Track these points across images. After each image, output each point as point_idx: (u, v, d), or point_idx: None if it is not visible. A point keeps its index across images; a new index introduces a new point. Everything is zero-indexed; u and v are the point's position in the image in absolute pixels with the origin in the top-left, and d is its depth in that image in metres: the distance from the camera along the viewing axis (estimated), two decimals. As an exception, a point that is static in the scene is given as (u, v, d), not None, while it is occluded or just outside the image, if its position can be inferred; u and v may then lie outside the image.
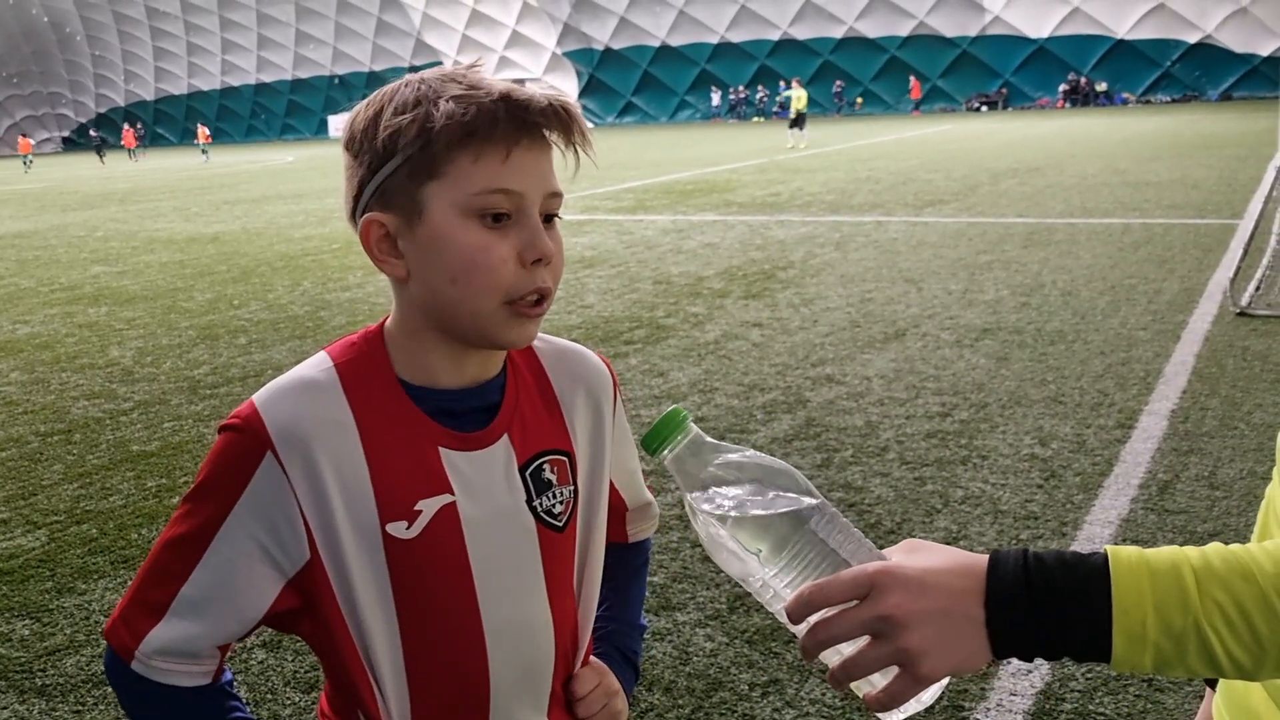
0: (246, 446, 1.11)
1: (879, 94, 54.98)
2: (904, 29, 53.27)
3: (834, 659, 0.90)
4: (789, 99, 31.79)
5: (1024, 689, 3.02)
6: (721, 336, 7.34)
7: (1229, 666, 0.84)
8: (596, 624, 1.40)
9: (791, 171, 21.02)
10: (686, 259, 10.76)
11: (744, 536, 0.94)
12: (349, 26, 65.76)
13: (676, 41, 58.47)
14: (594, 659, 1.37)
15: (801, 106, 30.16)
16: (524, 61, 61.66)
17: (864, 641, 0.88)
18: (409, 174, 1.09)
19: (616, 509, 1.39)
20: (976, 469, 4.66)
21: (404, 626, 1.16)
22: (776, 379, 6.22)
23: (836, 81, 54.57)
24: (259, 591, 1.13)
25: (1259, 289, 7.45)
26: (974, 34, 52.06)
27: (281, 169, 33.38)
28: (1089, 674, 3.07)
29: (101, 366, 7.39)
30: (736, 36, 57.13)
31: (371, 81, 65.85)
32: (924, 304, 8.02)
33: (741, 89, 57.65)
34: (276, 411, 1.12)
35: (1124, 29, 48.78)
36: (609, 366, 1.34)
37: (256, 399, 1.13)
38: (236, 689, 1.23)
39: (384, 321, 1.20)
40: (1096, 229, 11.22)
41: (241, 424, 1.12)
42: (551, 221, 1.15)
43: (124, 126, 53.53)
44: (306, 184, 25.16)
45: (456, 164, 1.08)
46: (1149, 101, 48.74)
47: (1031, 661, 0.88)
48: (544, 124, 1.10)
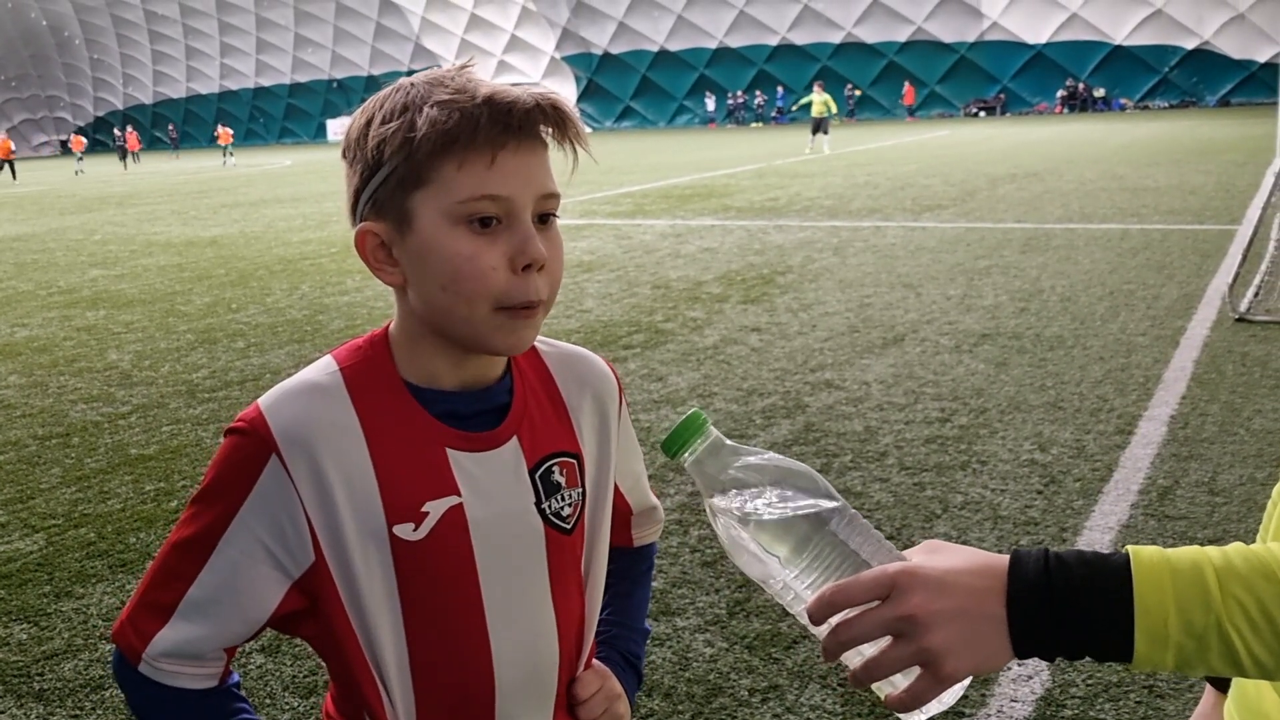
0: (252, 450, 1.11)
1: (877, 99, 55.03)
2: (902, 34, 53.34)
3: (855, 660, 0.91)
4: (809, 103, 30.50)
5: (1024, 695, 3.02)
6: (720, 341, 7.33)
7: (1251, 666, 0.84)
8: (600, 627, 1.40)
9: (789, 176, 21.04)
10: (685, 263, 10.76)
11: (765, 539, 0.94)
12: (348, 31, 65.79)
13: (675, 46, 58.53)
14: (596, 662, 1.36)
15: (820, 112, 29.05)
16: (523, 66, 61.69)
17: (886, 642, 0.88)
18: (397, 183, 1.09)
19: (622, 513, 1.39)
20: (976, 474, 4.66)
21: (409, 628, 1.16)
22: (775, 384, 6.22)
23: (848, 85, 54.44)
24: (264, 594, 1.13)
25: (1258, 294, 7.45)
26: (972, 39, 52.14)
27: (280, 173, 33.39)
28: (1089, 680, 3.06)
29: (100, 370, 7.38)
30: (735, 42, 57.19)
31: (370, 86, 65.90)
32: (923, 309, 8.02)
33: (740, 94, 57.69)
34: (281, 415, 1.12)
35: (1122, 35, 48.87)
36: (614, 371, 1.34)
37: (262, 402, 1.14)
38: (243, 691, 1.23)
39: (389, 325, 1.20)
40: (1095, 234, 11.23)
41: (247, 427, 1.12)
42: (548, 222, 1.13)
43: (127, 129, 53.36)
44: (305, 188, 25.16)
45: (441, 171, 1.07)
46: (1147, 107, 48.81)
47: (1053, 661, 0.89)
48: (531, 124, 1.09)
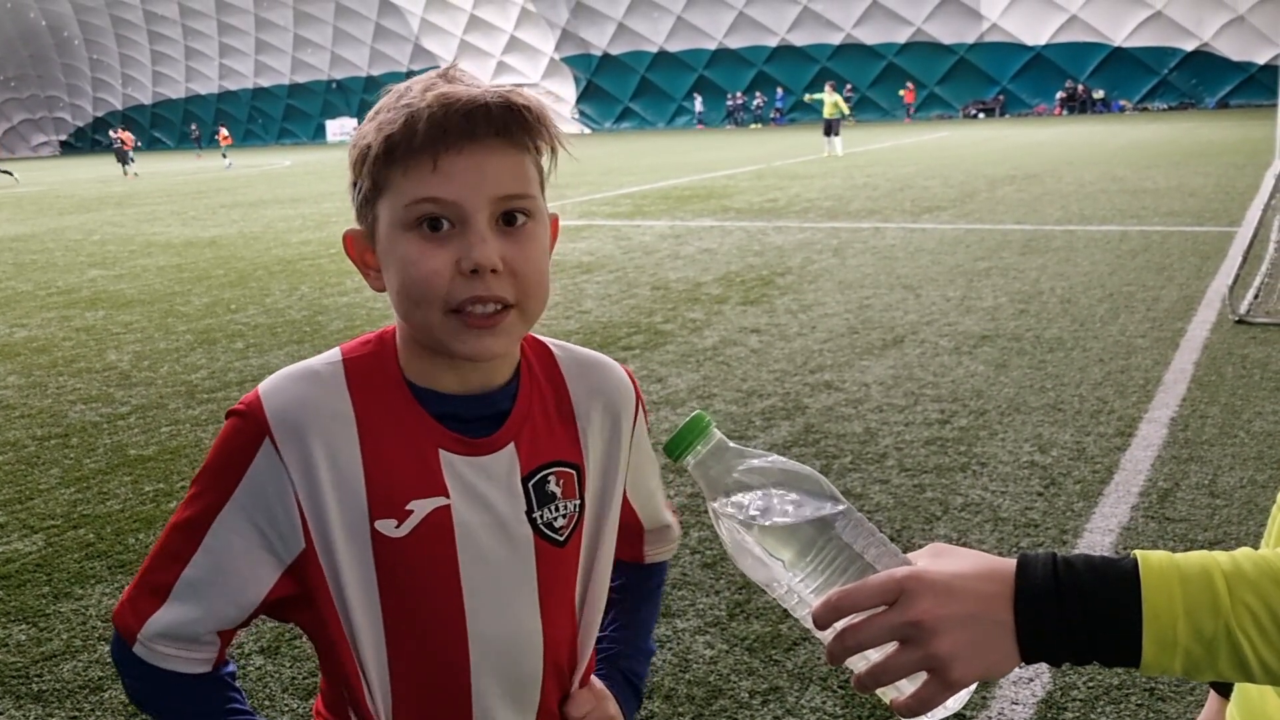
0: (247, 432, 1.11)
1: (876, 100, 55.03)
2: (902, 36, 53.33)
3: (861, 664, 0.90)
4: (820, 103, 29.29)
5: (1025, 698, 3.01)
6: (720, 342, 7.33)
7: (1259, 671, 0.84)
8: (603, 644, 1.37)
9: (789, 178, 21.03)
10: (684, 264, 10.75)
11: (769, 542, 0.93)
12: (347, 31, 65.77)
13: (674, 47, 58.52)
14: (595, 679, 1.34)
15: (831, 113, 27.92)
16: (522, 67, 61.69)
17: (892, 647, 0.87)
18: (367, 192, 1.11)
19: (633, 529, 1.36)
20: (976, 476, 4.65)
21: (388, 625, 1.15)
22: (775, 385, 6.21)
23: (846, 86, 54.53)
24: (257, 577, 1.13)
25: (1258, 296, 7.45)
26: (971, 41, 52.14)
27: (279, 173, 33.37)
28: (1090, 683, 3.06)
29: (99, 370, 7.38)
30: (734, 43, 57.18)
31: (369, 87, 65.92)
32: (922, 311, 8.01)
33: (739, 95, 57.70)
34: (277, 398, 1.12)
35: (1121, 37, 48.87)
36: (634, 381, 1.31)
37: (261, 386, 1.14)
38: (238, 681, 1.22)
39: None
40: (1095, 236, 11.23)
41: (244, 410, 1.12)
42: (517, 224, 1.10)
43: (118, 128, 53.07)
44: (304, 188, 25.15)
45: (390, 178, 1.08)
46: (1146, 109, 48.82)
47: (1060, 666, 0.88)
48: (474, 125, 1.05)
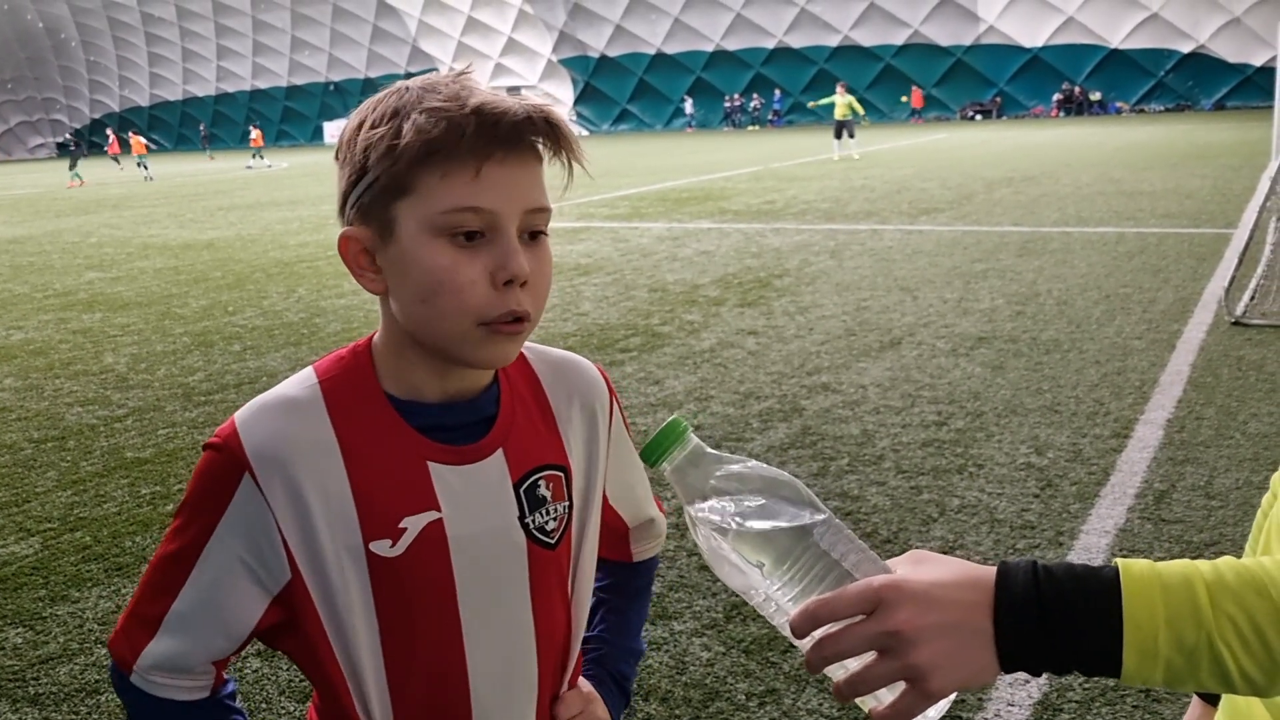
0: (225, 467, 1.10)
1: (874, 102, 55.05)
2: (899, 38, 53.38)
3: (839, 673, 0.89)
4: (825, 107, 28.67)
5: (1021, 700, 3.02)
6: (717, 344, 7.33)
7: (1241, 682, 0.83)
8: (590, 644, 1.37)
9: (786, 180, 21.05)
10: (682, 266, 10.76)
11: (746, 549, 0.91)
12: (345, 33, 65.76)
13: (672, 49, 58.54)
14: (583, 681, 1.33)
15: (844, 114, 27.33)
16: (520, 69, 61.70)
17: (871, 656, 0.86)
18: (381, 189, 1.06)
19: (617, 527, 1.35)
20: (973, 478, 4.66)
21: (386, 643, 1.14)
22: (772, 387, 6.21)
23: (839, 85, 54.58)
24: (245, 608, 1.12)
25: (1254, 298, 7.46)
26: (968, 43, 52.18)
27: (277, 175, 33.36)
28: (1086, 685, 3.06)
29: (96, 373, 7.37)
30: (732, 45, 57.21)
31: (367, 88, 65.37)
32: (919, 312, 8.02)
33: (737, 97, 57.73)
34: (255, 432, 1.10)
35: (1117, 39, 48.93)
36: (605, 377, 1.31)
37: (238, 418, 1.12)
38: (238, 700, 1.22)
39: (374, 335, 1.18)
40: (1091, 238, 11.24)
41: (221, 444, 1.10)
42: (537, 238, 1.10)
43: (109, 133, 52.34)
44: (302, 190, 25.14)
45: (424, 181, 1.05)
46: (1143, 111, 48.87)
47: (1039, 675, 0.87)
48: (520, 136, 1.05)
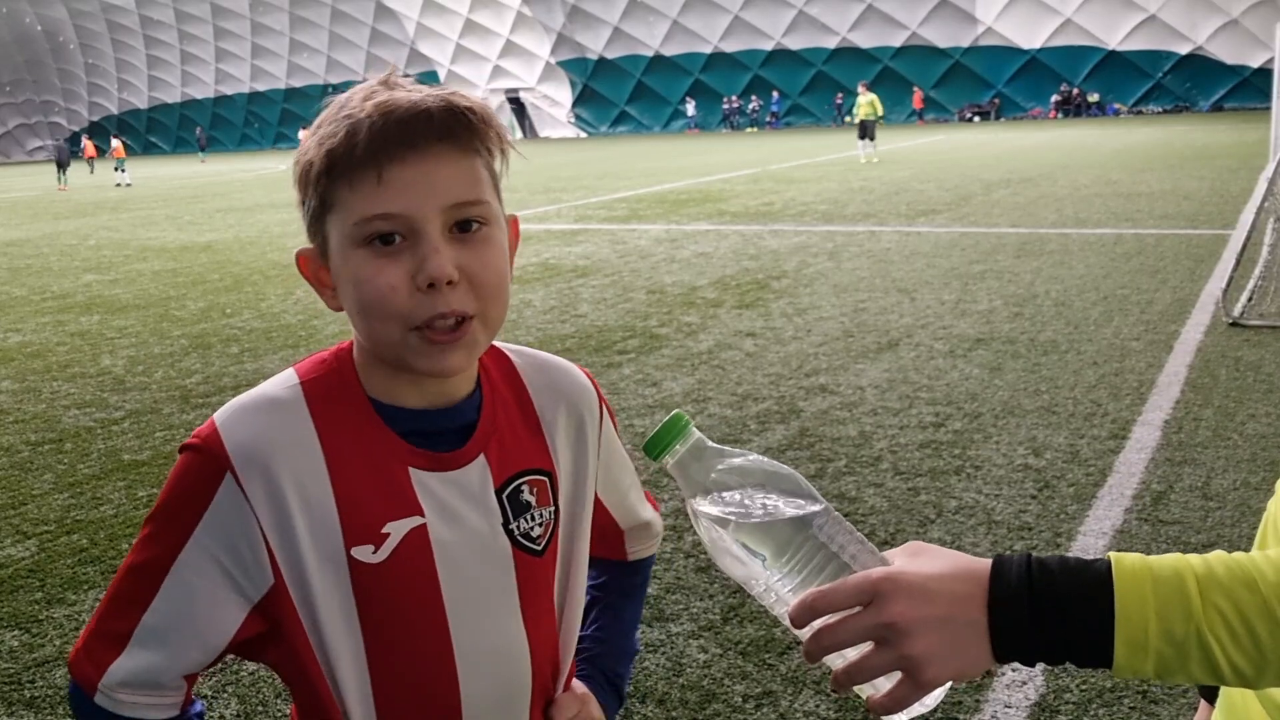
0: (205, 467, 1.06)
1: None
2: (897, 39, 53.44)
3: (837, 662, 0.91)
4: (854, 105, 28.19)
5: (1019, 701, 3.01)
6: (715, 346, 7.33)
7: (1230, 674, 0.84)
8: (584, 644, 1.35)
9: (784, 181, 21.05)
10: (680, 268, 10.76)
11: (747, 541, 0.93)
12: (343, 35, 65.79)
13: (670, 51, 58.58)
14: (576, 683, 1.31)
15: (868, 114, 26.61)
16: (518, 71, 61.75)
17: (868, 646, 0.88)
18: (314, 210, 1.07)
19: (610, 530, 1.34)
20: (970, 479, 4.65)
21: (371, 653, 1.11)
22: (770, 389, 6.21)
23: (838, 95, 54.72)
24: (223, 618, 1.08)
25: (1251, 299, 7.46)
26: (966, 45, 52.25)
27: (275, 177, 33.35)
28: (1084, 686, 3.06)
29: (93, 375, 7.36)
30: (730, 47, 57.27)
31: (365, 90, 65.74)
32: (917, 314, 8.02)
33: (735, 99, 57.76)
34: (236, 431, 1.07)
35: (1115, 40, 49.00)
36: (593, 381, 1.29)
37: (217, 417, 1.09)
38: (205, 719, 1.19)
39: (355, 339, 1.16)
40: (1089, 239, 11.25)
41: (200, 444, 1.07)
42: (473, 230, 1.06)
43: (84, 139, 52.08)
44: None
45: (337, 194, 1.04)
46: (1140, 112, 48.93)
47: (1033, 666, 0.88)
48: (415, 132, 1.01)
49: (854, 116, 27.96)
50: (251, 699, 3.22)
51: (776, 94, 56.84)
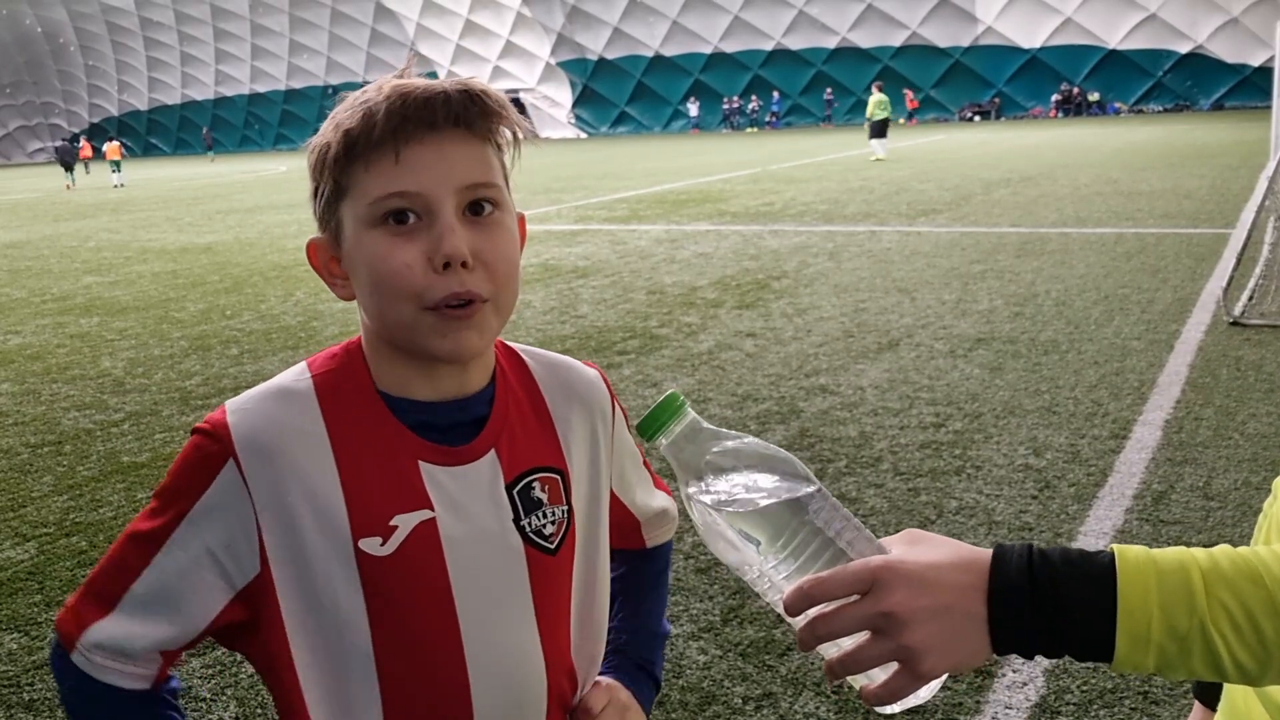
0: (210, 452, 1.08)
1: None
2: (897, 39, 53.44)
3: (832, 651, 0.89)
4: (883, 104, 27.99)
5: (1019, 702, 3.01)
6: (715, 346, 7.32)
7: (1233, 671, 0.83)
8: (611, 634, 1.33)
9: (785, 181, 21.05)
10: (680, 269, 10.75)
11: (741, 525, 0.91)
12: (343, 37, 65.83)
13: (670, 52, 58.60)
14: (604, 677, 1.30)
15: (871, 113, 27.03)
16: (518, 71, 61.75)
17: (864, 636, 0.87)
18: (328, 196, 1.08)
19: (628, 524, 1.33)
20: (971, 480, 4.65)
21: (379, 648, 1.10)
22: (770, 389, 6.21)
23: (827, 90, 54.89)
24: (204, 600, 1.08)
25: (1252, 299, 7.45)
26: (966, 44, 52.25)
27: (275, 179, 33.37)
28: (1084, 686, 3.05)
29: (93, 377, 7.36)
30: (730, 47, 57.28)
31: (365, 91, 65.83)
32: (917, 314, 8.01)
33: (735, 99, 57.77)
34: (245, 419, 1.08)
35: (1116, 39, 49.00)
36: (605, 378, 1.28)
37: (229, 405, 1.11)
38: (180, 701, 1.17)
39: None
40: (1090, 238, 11.24)
41: (209, 429, 1.09)
42: (485, 213, 1.07)
43: (81, 139, 52.49)
44: (300, 194, 25.05)
45: (353, 176, 1.05)
46: (1141, 111, 48.93)
47: (1032, 659, 0.87)
48: (433, 113, 1.03)
49: (871, 117, 27.90)
50: (251, 701, 3.22)
51: (776, 94, 56.84)
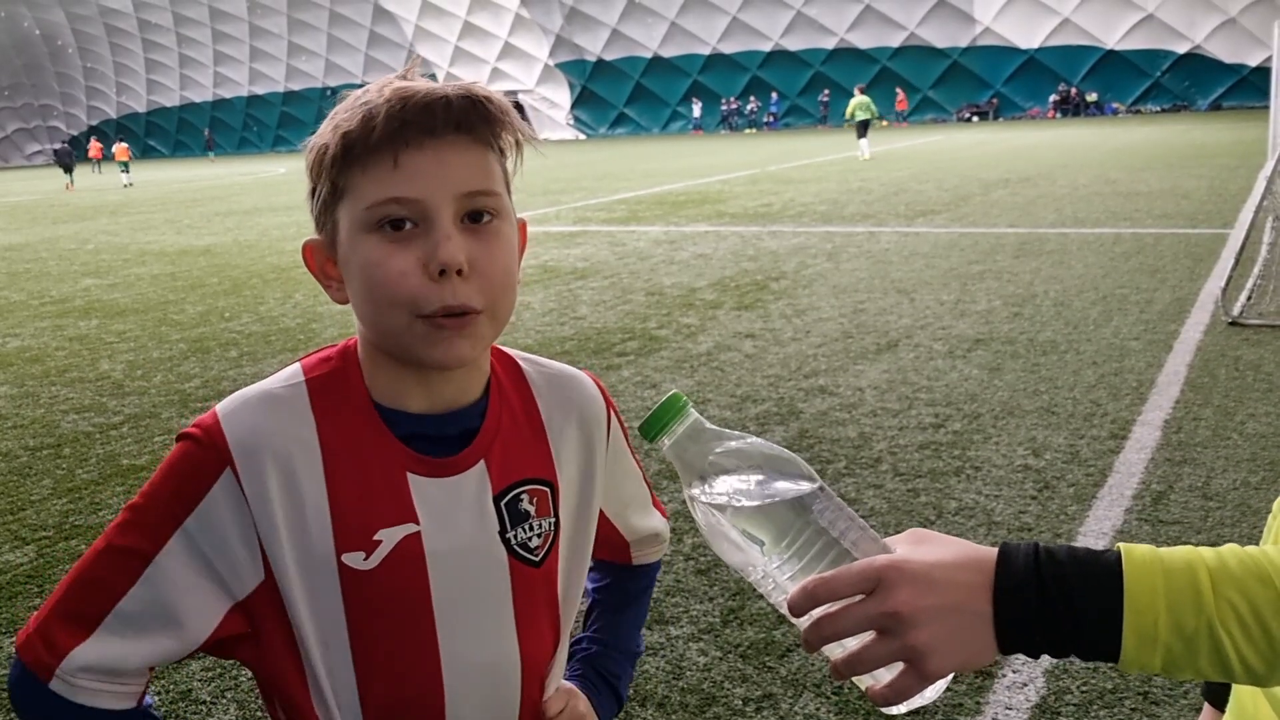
0: (204, 459, 1.04)
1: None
2: (895, 40, 53.46)
3: (837, 651, 0.89)
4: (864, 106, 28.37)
5: (1019, 703, 3.01)
6: (714, 348, 7.32)
7: (1240, 671, 0.82)
8: (581, 644, 1.34)
9: (783, 182, 21.05)
10: (679, 270, 10.75)
11: (745, 525, 0.91)
12: (341, 38, 65.82)
13: (668, 53, 58.60)
14: (563, 682, 1.29)
15: (856, 114, 27.28)
16: (516, 73, 61.74)
17: (869, 636, 0.86)
18: (324, 197, 1.06)
19: (615, 542, 1.32)
20: (970, 480, 4.65)
21: (358, 659, 1.09)
22: (769, 390, 6.21)
23: (824, 91, 54.93)
24: (203, 613, 1.06)
25: (1250, 298, 7.46)
26: (965, 45, 52.27)
27: (274, 181, 33.36)
28: (1085, 687, 3.05)
29: (92, 380, 7.36)
30: (728, 48, 57.29)
31: (364, 93, 65.87)
32: (916, 314, 8.02)
33: (733, 100, 57.78)
34: (239, 424, 1.05)
35: (1113, 39, 49.01)
36: (604, 391, 1.27)
37: (220, 409, 1.07)
38: (159, 712, 1.15)
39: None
40: (1088, 239, 11.24)
41: (201, 435, 1.05)
42: (483, 221, 1.05)
43: (93, 139, 53.43)
44: (299, 196, 24.95)
45: (350, 179, 1.03)
46: (1139, 111, 48.94)
47: (1038, 658, 0.86)
48: (434, 118, 1.01)
49: (852, 118, 28.07)
50: (251, 704, 3.21)
51: (775, 95, 56.85)
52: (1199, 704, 1.29)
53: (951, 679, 0.88)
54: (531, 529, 1.15)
